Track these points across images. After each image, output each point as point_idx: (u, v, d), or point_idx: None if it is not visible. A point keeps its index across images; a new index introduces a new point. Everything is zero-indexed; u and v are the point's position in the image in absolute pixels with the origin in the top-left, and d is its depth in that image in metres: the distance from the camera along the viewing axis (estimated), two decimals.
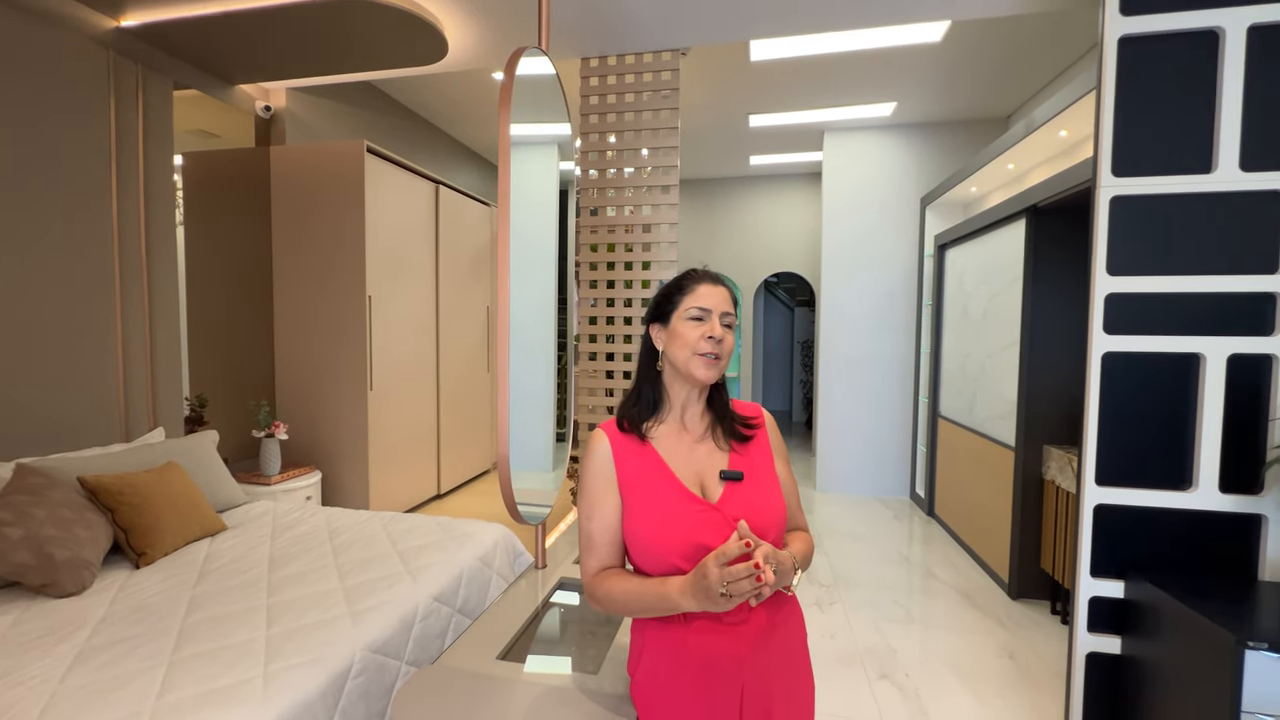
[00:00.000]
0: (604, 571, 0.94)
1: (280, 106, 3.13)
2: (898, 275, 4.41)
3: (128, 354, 2.33)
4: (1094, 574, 1.64)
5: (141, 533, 1.81)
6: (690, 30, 2.46)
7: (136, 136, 2.34)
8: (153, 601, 1.56)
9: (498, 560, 2.03)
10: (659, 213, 2.63)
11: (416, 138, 4.18)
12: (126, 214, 2.30)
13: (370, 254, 3.06)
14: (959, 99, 3.87)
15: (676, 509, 0.90)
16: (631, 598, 0.88)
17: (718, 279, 0.98)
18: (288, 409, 3.16)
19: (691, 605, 0.82)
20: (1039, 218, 2.62)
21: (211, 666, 1.25)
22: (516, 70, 1.34)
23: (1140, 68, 1.54)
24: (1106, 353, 1.59)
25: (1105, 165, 1.56)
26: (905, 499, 4.45)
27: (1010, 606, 2.74)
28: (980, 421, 3.24)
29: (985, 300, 3.20)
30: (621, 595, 0.89)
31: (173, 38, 2.39)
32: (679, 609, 0.83)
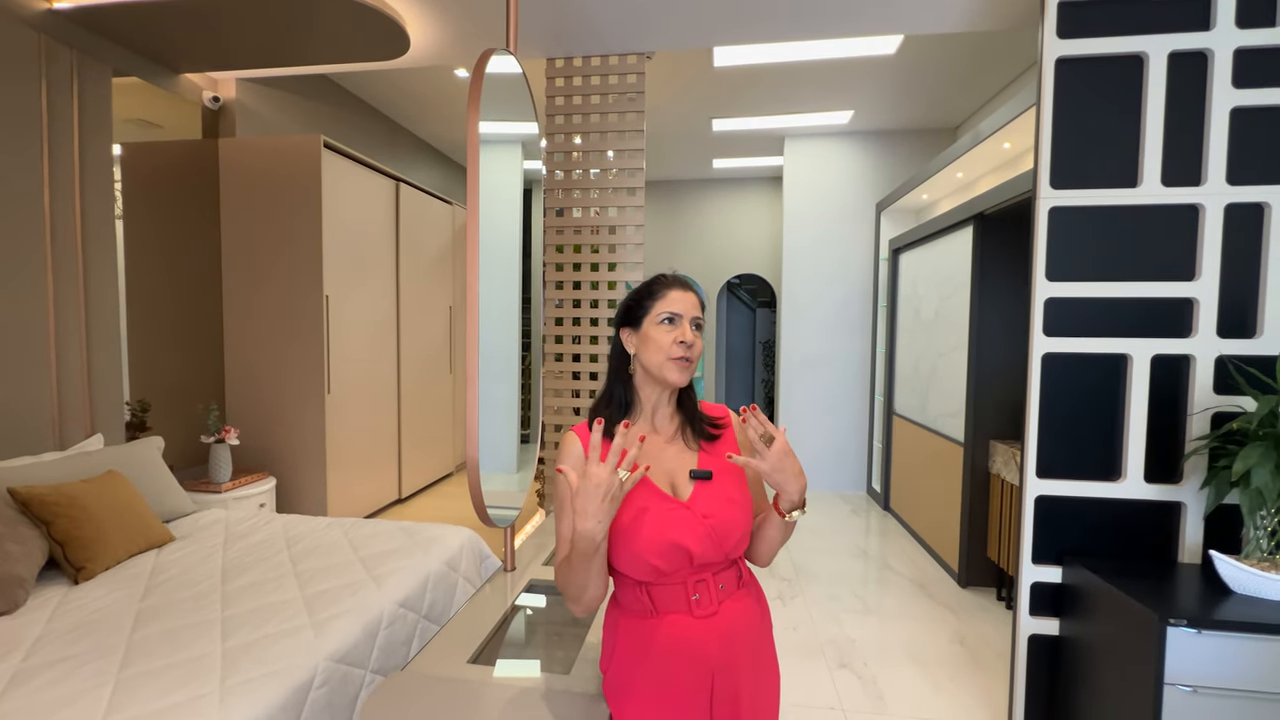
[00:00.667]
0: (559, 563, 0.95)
1: (230, 98, 2.99)
2: (855, 278, 4.56)
3: (61, 355, 2.20)
4: (1035, 561, 1.75)
5: (80, 546, 1.71)
6: (654, 35, 2.48)
7: (71, 125, 2.20)
8: (95, 618, 1.48)
9: (464, 564, 2.01)
10: (625, 214, 2.65)
11: (376, 134, 4.07)
12: (60, 206, 2.17)
13: (328, 252, 2.97)
14: (912, 109, 4.04)
15: (648, 508, 0.92)
16: (569, 571, 0.88)
17: (687, 284, 1.01)
18: (239, 413, 3.03)
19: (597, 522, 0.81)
20: (985, 225, 2.76)
21: (163, 683, 1.20)
22: (486, 70, 1.33)
23: (1075, 87, 1.65)
24: (1046, 353, 1.70)
25: (1044, 177, 1.66)
26: (863, 494, 4.61)
27: (960, 595, 2.88)
28: (932, 419, 3.39)
29: (936, 303, 3.35)
30: (565, 577, 0.90)
31: (111, 22, 2.26)
32: (596, 539, 0.82)
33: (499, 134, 4.82)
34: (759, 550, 1.01)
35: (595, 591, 0.90)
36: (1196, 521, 1.65)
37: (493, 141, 5.04)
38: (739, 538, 0.93)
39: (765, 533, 0.99)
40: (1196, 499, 1.64)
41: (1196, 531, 1.65)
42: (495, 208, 4.91)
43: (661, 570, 0.90)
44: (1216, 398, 1.62)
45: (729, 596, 0.95)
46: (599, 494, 0.80)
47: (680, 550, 0.89)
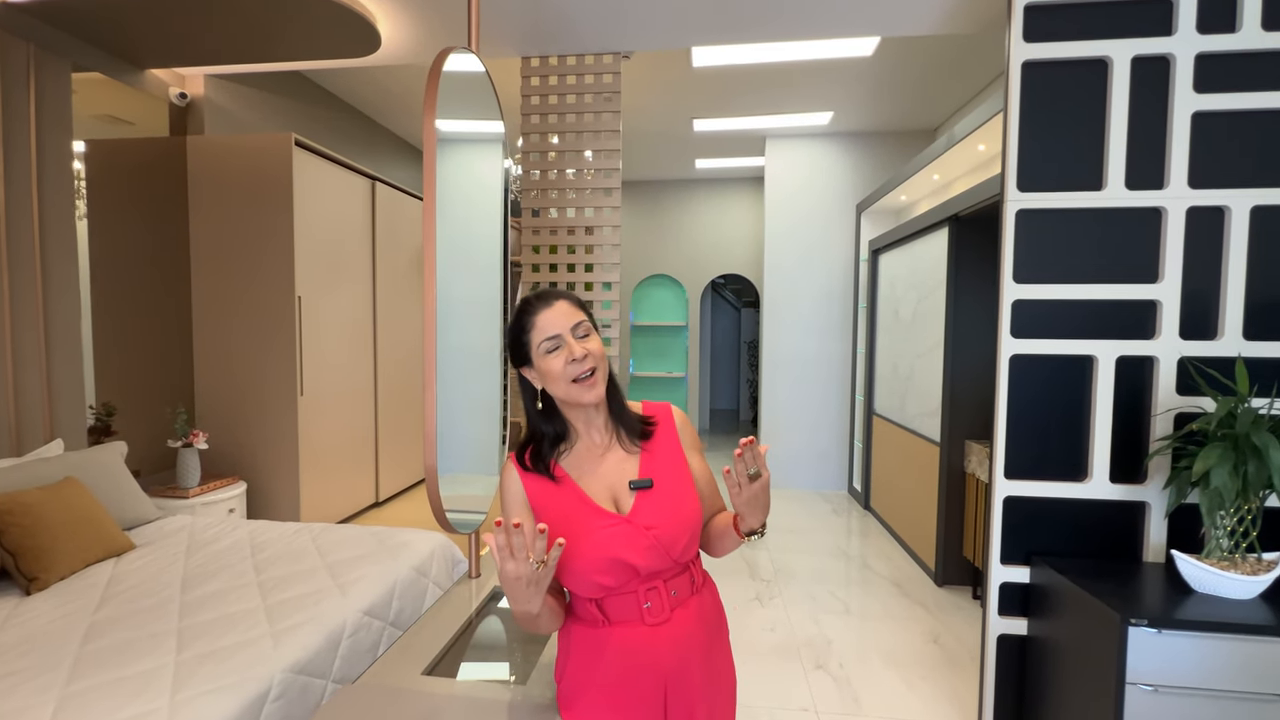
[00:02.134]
0: None
1: (198, 94, 2.93)
2: (836, 278, 4.58)
3: (18, 358, 2.14)
4: (1004, 561, 1.76)
5: (33, 556, 1.66)
6: (630, 35, 2.47)
7: (28, 122, 2.14)
8: (45, 630, 1.43)
9: (435, 569, 1.98)
10: (602, 215, 2.64)
11: (351, 131, 4.01)
12: (16, 204, 2.10)
13: (300, 253, 2.92)
14: (891, 110, 4.06)
15: (588, 527, 0.89)
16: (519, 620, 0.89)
17: (549, 298, 0.94)
18: (209, 416, 2.97)
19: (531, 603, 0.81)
20: (960, 226, 2.78)
21: (111, 699, 1.17)
22: (443, 69, 1.30)
23: (1042, 91, 1.66)
24: (1014, 355, 1.71)
25: (1011, 180, 1.67)
26: (844, 493, 4.64)
27: (936, 594, 2.90)
28: (910, 419, 3.41)
29: (914, 303, 3.37)
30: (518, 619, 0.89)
31: (69, 16, 2.20)
32: (534, 612, 0.83)
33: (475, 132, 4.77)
34: (712, 549, 1.00)
35: (549, 626, 0.91)
36: (1160, 521, 1.67)
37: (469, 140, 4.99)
38: (686, 543, 0.92)
39: (721, 542, 0.98)
40: (1160, 499, 1.66)
41: (1160, 531, 1.67)
42: (472, 207, 4.86)
43: (609, 586, 0.88)
44: (1179, 398, 1.64)
45: (682, 603, 0.94)
46: (520, 585, 0.78)
47: (624, 565, 0.88)
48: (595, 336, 0.93)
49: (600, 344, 0.93)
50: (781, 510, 4.19)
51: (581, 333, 0.92)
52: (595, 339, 0.93)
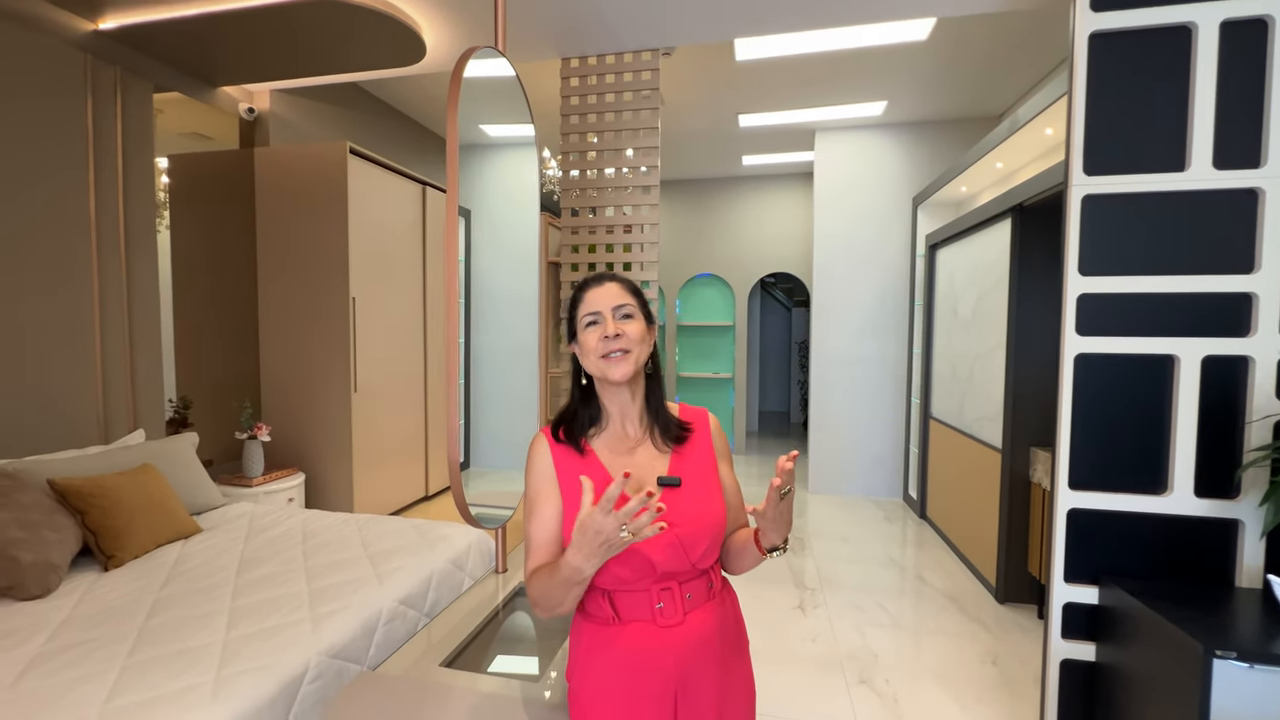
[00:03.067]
0: (537, 569, 0.91)
1: (264, 108, 3.13)
2: (890, 276, 4.38)
3: (106, 356, 2.34)
4: (1068, 580, 1.61)
5: (111, 535, 1.81)
6: (669, 30, 2.44)
7: (115, 139, 2.34)
8: (116, 604, 1.55)
9: (471, 563, 2.02)
10: (640, 214, 2.62)
11: (403, 137, 4.18)
12: (105, 216, 2.31)
13: (354, 255, 3.06)
14: (950, 97, 3.84)
15: None
16: (546, 590, 0.85)
17: (603, 278, 0.97)
18: (272, 410, 3.16)
19: (589, 563, 0.79)
20: (1024, 217, 2.59)
21: (164, 671, 1.25)
22: (477, 74, 1.32)
23: (1112, 64, 1.51)
24: (1079, 354, 1.57)
25: (1076, 164, 1.53)
26: (898, 501, 4.42)
27: (997, 611, 2.70)
28: (969, 423, 3.21)
29: (974, 301, 3.17)
30: (538, 591, 0.87)
31: (152, 40, 2.40)
32: (584, 574, 0.81)
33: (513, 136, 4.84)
34: (731, 565, 0.97)
35: (568, 608, 0.89)
36: (1255, 541, 1.48)
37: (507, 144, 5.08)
38: (706, 548, 0.88)
39: (741, 558, 0.96)
40: (1255, 516, 1.47)
41: (1256, 553, 1.48)
42: (510, 206, 4.93)
43: (623, 578, 0.87)
44: (1279, 403, 1.45)
45: (696, 607, 0.91)
46: (597, 540, 0.76)
47: (642, 558, 0.86)
48: (638, 322, 0.94)
49: (641, 330, 0.94)
50: (830, 517, 4.04)
51: (623, 314, 0.93)
52: (636, 324, 0.93)
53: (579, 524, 0.78)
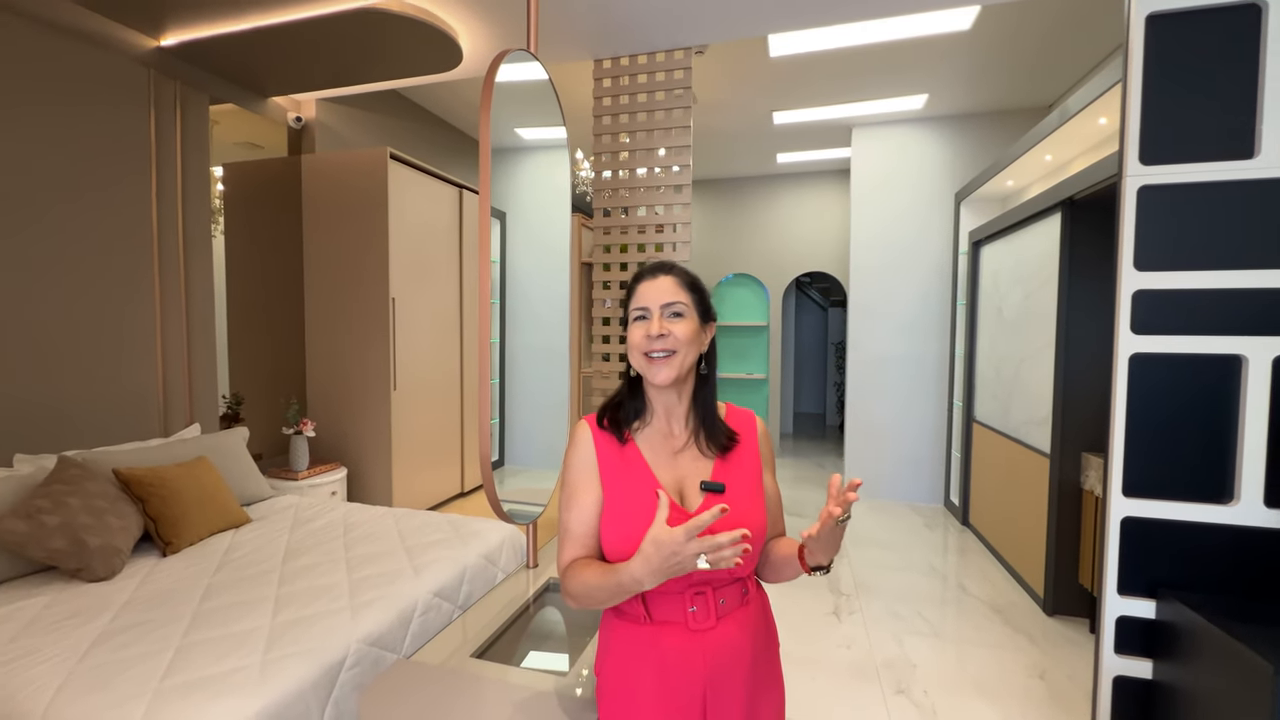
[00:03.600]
0: (574, 563, 0.90)
1: (310, 117, 3.26)
2: (931, 274, 4.25)
3: (167, 355, 2.48)
4: (1121, 592, 1.53)
5: (169, 523, 1.91)
6: (701, 28, 2.43)
7: (175, 149, 2.48)
8: (173, 588, 1.64)
9: (503, 558, 2.05)
10: (672, 212, 2.61)
11: (440, 141, 4.29)
12: (165, 222, 2.44)
13: (394, 257, 3.15)
14: (995, 89, 3.70)
15: (651, 512, 0.85)
16: (592, 589, 0.84)
17: (657, 270, 0.93)
18: (317, 407, 3.29)
19: (654, 579, 0.77)
20: (1075, 211, 2.47)
21: (214, 652, 1.31)
22: (511, 79, 1.35)
23: (1171, 47, 1.43)
24: (1135, 354, 1.48)
25: (1132, 153, 1.45)
26: (939, 507, 4.28)
27: (1045, 623, 2.59)
28: (1015, 427, 3.08)
29: (1020, 299, 3.04)
30: (582, 588, 0.86)
31: (209, 55, 2.53)
32: (644, 588, 0.79)
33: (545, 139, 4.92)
34: (769, 575, 0.95)
35: (605, 608, 0.89)
36: None
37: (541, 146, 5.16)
38: (748, 555, 0.87)
39: (780, 570, 0.93)
40: None
41: None
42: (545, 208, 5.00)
43: None
44: None
45: (729, 613, 0.89)
46: (671, 561, 0.74)
47: None
48: (688, 321, 0.89)
49: (691, 330, 0.89)
50: (868, 522, 3.94)
51: (673, 312, 0.89)
52: (686, 324, 0.89)
53: (654, 540, 0.75)
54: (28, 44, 2.01)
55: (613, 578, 0.81)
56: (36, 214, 2.05)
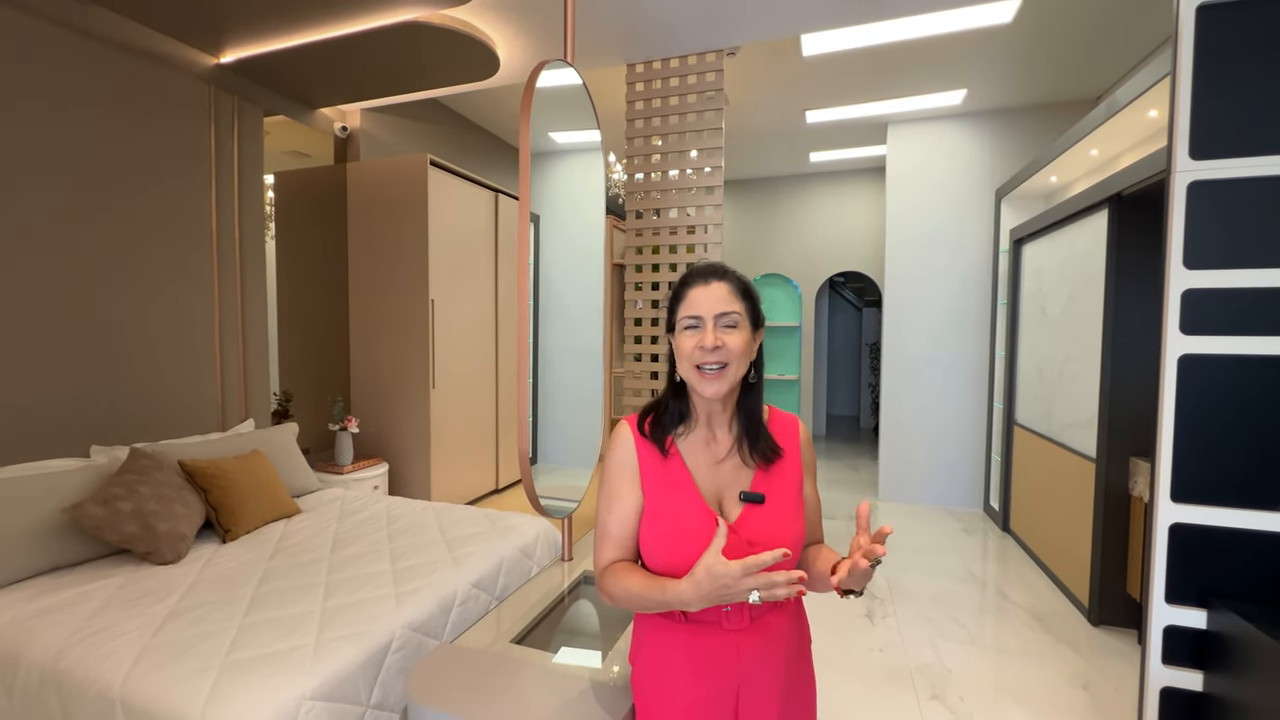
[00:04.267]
0: (614, 565, 0.91)
1: (355, 126, 3.40)
2: (970, 273, 4.15)
3: (224, 354, 2.63)
4: (1170, 600, 1.48)
5: (228, 512, 2.04)
6: (732, 30, 2.44)
7: (232, 160, 2.63)
8: (233, 572, 1.75)
9: (538, 552, 2.11)
10: (704, 214, 2.63)
11: (476, 147, 4.41)
12: (223, 229, 2.59)
13: (433, 260, 3.26)
14: (1038, 82, 3.59)
15: (692, 522, 0.87)
16: (634, 596, 0.85)
17: (710, 275, 0.89)
18: (360, 404, 3.43)
19: (701, 604, 0.79)
20: (1122, 207, 2.39)
21: (272, 633, 1.40)
22: (545, 84, 1.39)
23: (1222, 38, 1.38)
24: (1184, 355, 1.44)
25: (1181, 148, 1.41)
26: (978, 512, 4.17)
27: (1090, 633, 2.50)
28: (1059, 430, 2.99)
29: (1064, 298, 2.95)
30: (623, 593, 0.87)
31: (263, 70, 2.67)
32: (690, 609, 0.81)
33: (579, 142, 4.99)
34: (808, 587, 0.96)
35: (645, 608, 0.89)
36: None
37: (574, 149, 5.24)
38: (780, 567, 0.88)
39: (814, 582, 0.91)
40: None
41: None
42: (578, 210, 5.07)
43: None
44: None
45: (762, 615, 0.90)
46: (720, 592, 0.76)
47: None
48: (742, 332, 0.87)
49: (744, 342, 0.87)
50: (902, 526, 3.87)
51: (727, 323, 0.86)
52: (740, 335, 0.86)
53: (708, 569, 0.76)
54: (106, 65, 2.17)
55: (659, 594, 0.82)
56: (111, 222, 2.20)
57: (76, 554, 1.77)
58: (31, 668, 1.32)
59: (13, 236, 1.95)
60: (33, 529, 1.69)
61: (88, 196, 2.14)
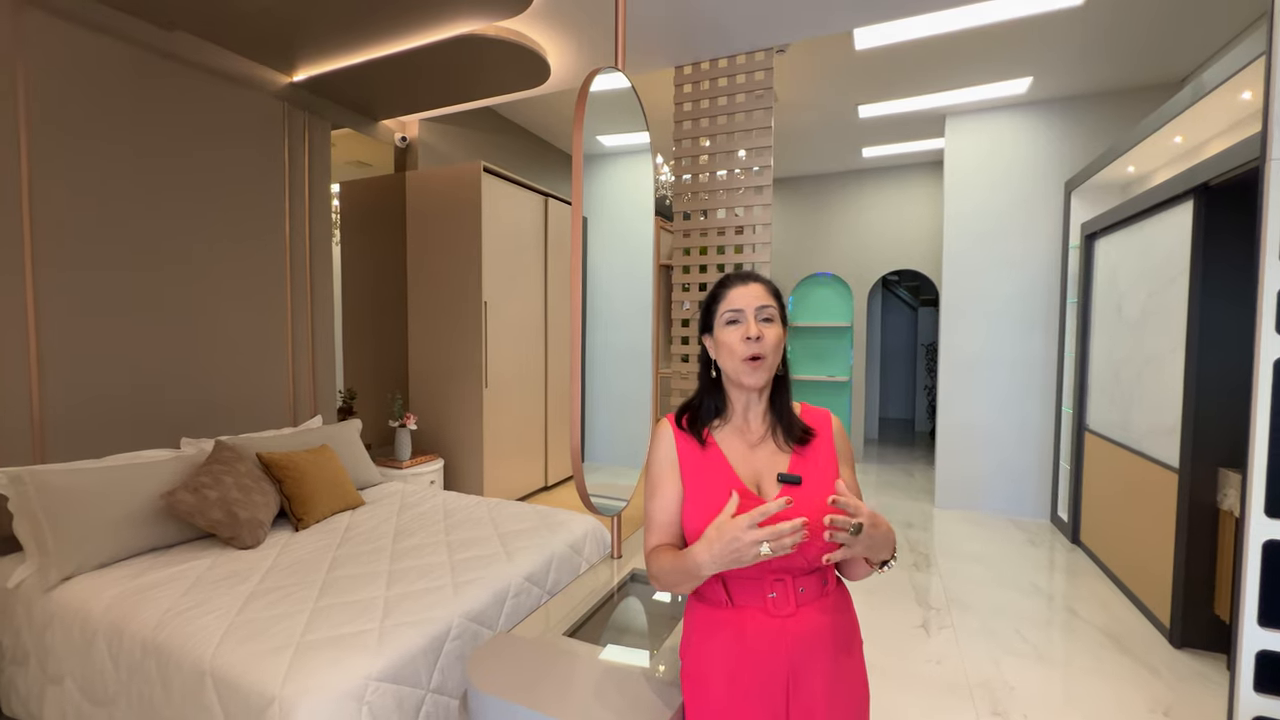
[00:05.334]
0: (657, 548, 0.98)
1: (414, 136, 3.55)
2: (1036, 269, 3.93)
3: (295, 354, 2.80)
4: (1263, 623, 1.37)
5: (300, 502, 2.17)
6: (782, 28, 2.41)
7: (303, 172, 2.80)
8: (305, 559, 1.87)
9: (587, 549, 2.15)
10: (752, 214, 2.61)
11: (527, 152, 4.52)
12: (295, 237, 2.77)
13: (486, 264, 3.37)
14: (1113, 66, 3.37)
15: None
16: (666, 571, 0.92)
17: (747, 278, 0.99)
18: (418, 402, 3.58)
19: (714, 566, 0.83)
20: (1210, 198, 2.22)
21: (342, 616, 1.49)
22: (594, 89, 1.42)
23: None
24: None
25: (1277, 132, 1.30)
26: (1044, 522, 3.95)
27: (1171, 656, 2.34)
28: (1137, 438, 2.80)
29: (1143, 296, 2.76)
30: (659, 570, 0.94)
31: (331, 86, 2.83)
32: (703, 574, 0.85)
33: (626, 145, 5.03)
34: (845, 570, 0.96)
35: (685, 591, 0.95)
36: None
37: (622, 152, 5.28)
38: (822, 547, 0.89)
39: (854, 565, 0.95)
40: None
41: None
42: (625, 214, 5.11)
43: None
44: None
45: (810, 602, 0.92)
46: (730, 548, 0.80)
47: None
48: (776, 326, 0.96)
49: (779, 335, 0.96)
50: (960, 534, 3.72)
51: (764, 316, 0.96)
52: (775, 329, 0.96)
53: (716, 525, 0.82)
54: (191, 86, 2.36)
55: (680, 562, 0.88)
56: (197, 232, 2.39)
57: (171, 536, 1.94)
58: (134, 639, 1.45)
59: (118, 245, 2.14)
60: (134, 513, 1.86)
61: (179, 209, 2.33)
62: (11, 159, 1.88)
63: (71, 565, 1.70)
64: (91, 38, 2.06)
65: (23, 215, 1.90)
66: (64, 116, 2.00)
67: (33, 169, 1.92)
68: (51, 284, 1.98)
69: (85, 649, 1.53)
